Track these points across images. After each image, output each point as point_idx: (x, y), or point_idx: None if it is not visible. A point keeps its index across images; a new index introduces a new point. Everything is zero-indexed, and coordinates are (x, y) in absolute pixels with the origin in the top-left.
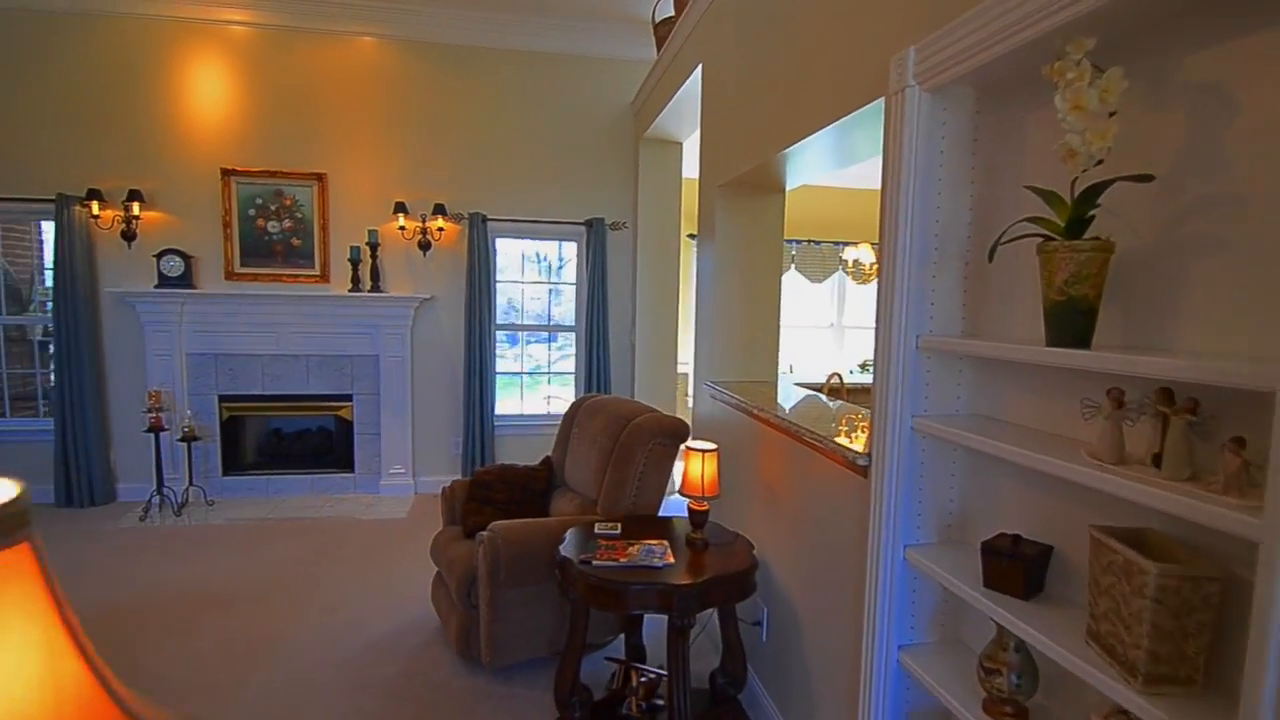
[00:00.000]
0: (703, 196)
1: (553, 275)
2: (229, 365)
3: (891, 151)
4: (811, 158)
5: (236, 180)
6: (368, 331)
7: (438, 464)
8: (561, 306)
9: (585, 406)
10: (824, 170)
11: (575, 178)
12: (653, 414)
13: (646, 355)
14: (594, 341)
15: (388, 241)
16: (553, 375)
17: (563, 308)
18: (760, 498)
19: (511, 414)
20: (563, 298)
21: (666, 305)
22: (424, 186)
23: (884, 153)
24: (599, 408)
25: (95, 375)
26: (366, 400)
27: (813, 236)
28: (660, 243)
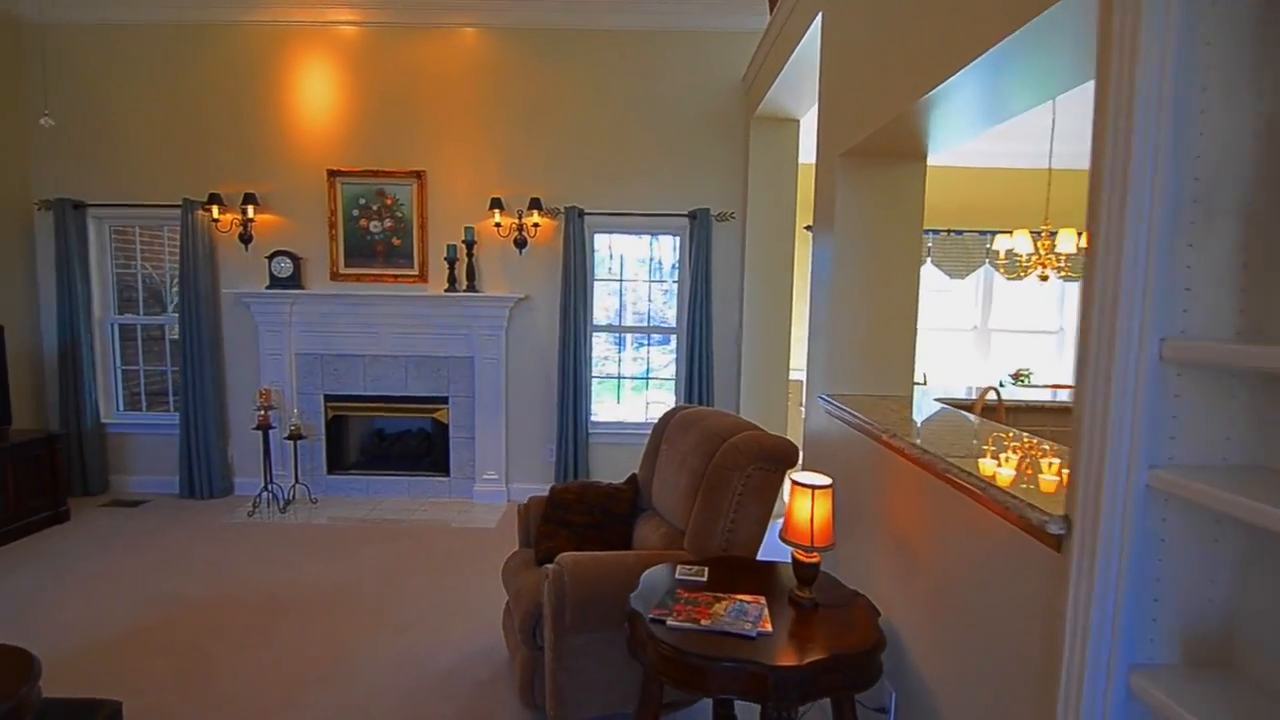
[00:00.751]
0: (821, 171)
1: (653, 272)
2: (333, 366)
3: (1119, 49)
4: (960, 106)
5: (342, 181)
6: (463, 332)
7: (531, 471)
8: (663, 306)
9: (677, 420)
10: (975, 128)
11: (678, 166)
12: (753, 432)
13: (755, 361)
14: (696, 344)
15: (483, 239)
16: (653, 380)
17: (664, 307)
18: (888, 547)
19: (608, 420)
20: (666, 297)
21: (778, 305)
22: (520, 181)
23: (1100, 57)
24: (692, 422)
25: (216, 373)
26: (462, 403)
27: (953, 225)
28: (772, 234)
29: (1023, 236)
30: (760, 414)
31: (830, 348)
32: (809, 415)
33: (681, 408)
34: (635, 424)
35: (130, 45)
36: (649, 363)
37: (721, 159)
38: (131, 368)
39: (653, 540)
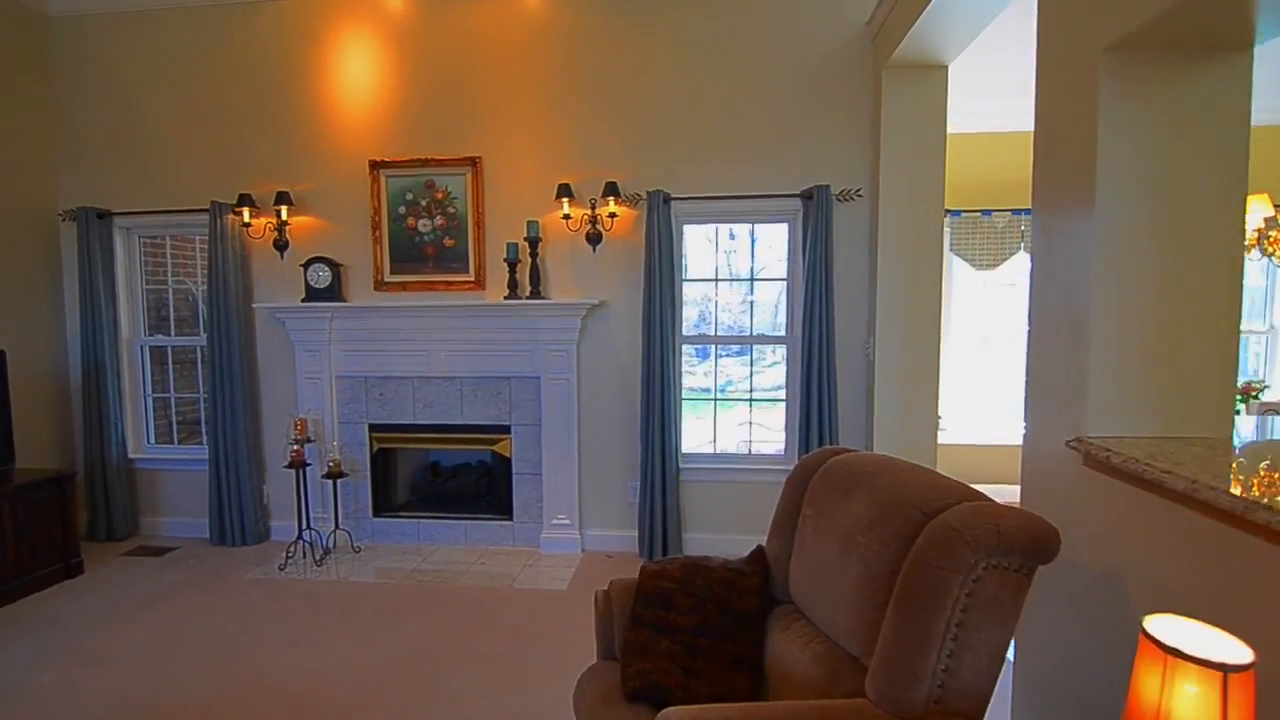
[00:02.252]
0: (1044, 82)
1: (756, 269)
2: (379, 390)
3: None
4: None
5: (385, 173)
6: (527, 347)
7: (609, 515)
8: (765, 311)
9: (826, 473)
10: None
11: (787, 136)
12: (978, 504)
13: (893, 379)
14: (816, 356)
15: (550, 235)
16: (754, 399)
17: (766, 312)
18: None
19: (703, 452)
20: (769, 299)
21: (924, 306)
22: (592, 164)
23: None
24: (854, 477)
25: (250, 401)
26: (526, 433)
27: None
28: (915, 214)
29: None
30: (907, 448)
31: (1092, 363)
32: (1027, 462)
33: (829, 454)
34: (736, 456)
35: (149, 33)
36: (752, 380)
37: (842, 124)
38: (163, 395)
39: (801, 661)
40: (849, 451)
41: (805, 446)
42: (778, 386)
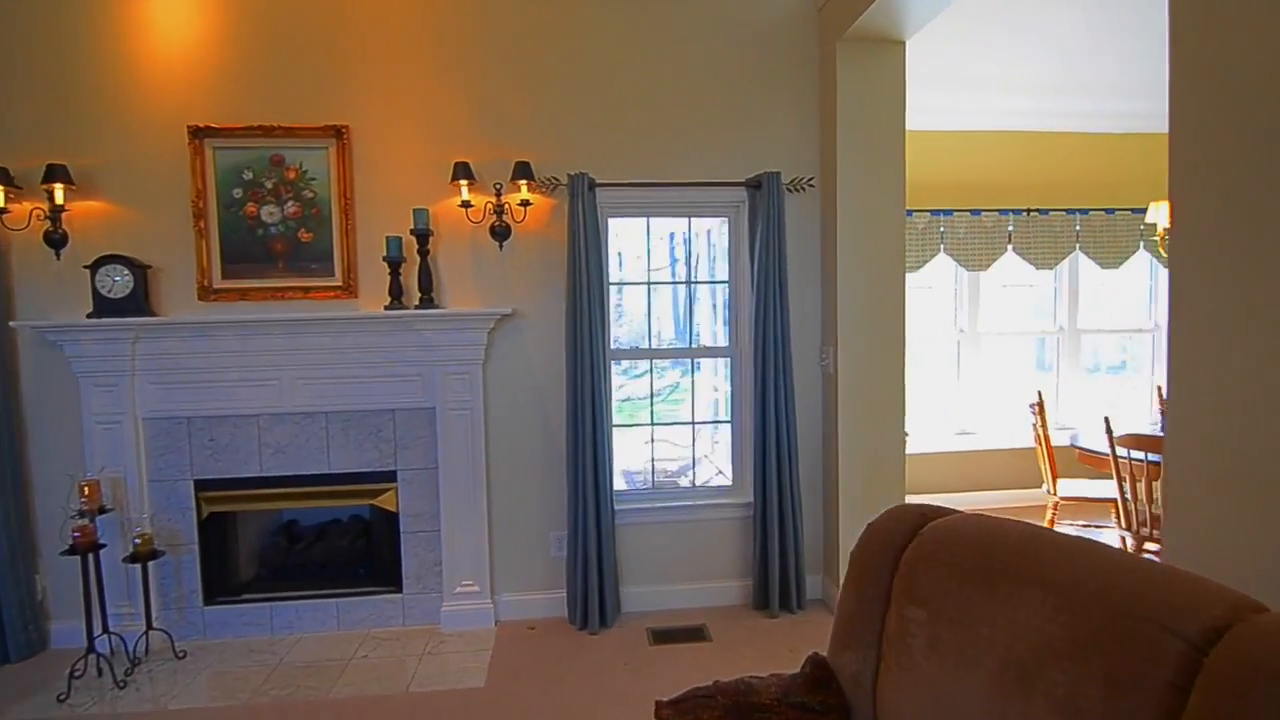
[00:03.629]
0: None
1: (695, 270)
2: (209, 434)
3: None
4: None
5: (213, 144)
6: (417, 370)
7: (529, 574)
8: (704, 318)
9: (933, 550)
10: None
11: (729, 116)
12: None
13: (856, 390)
14: (771, 369)
15: (445, 228)
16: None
17: (705, 319)
18: None
19: (639, 489)
20: (706, 305)
21: (887, 307)
22: (499, 140)
23: None
24: (996, 560)
25: (9, 460)
26: (418, 479)
27: (1038, 204)
28: (875, 206)
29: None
30: (868, 469)
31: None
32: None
33: (916, 516)
34: (678, 491)
35: None
36: (694, 400)
37: (789, 105)
38: None
39: None
40: (945, 512)
41: (762, 476)
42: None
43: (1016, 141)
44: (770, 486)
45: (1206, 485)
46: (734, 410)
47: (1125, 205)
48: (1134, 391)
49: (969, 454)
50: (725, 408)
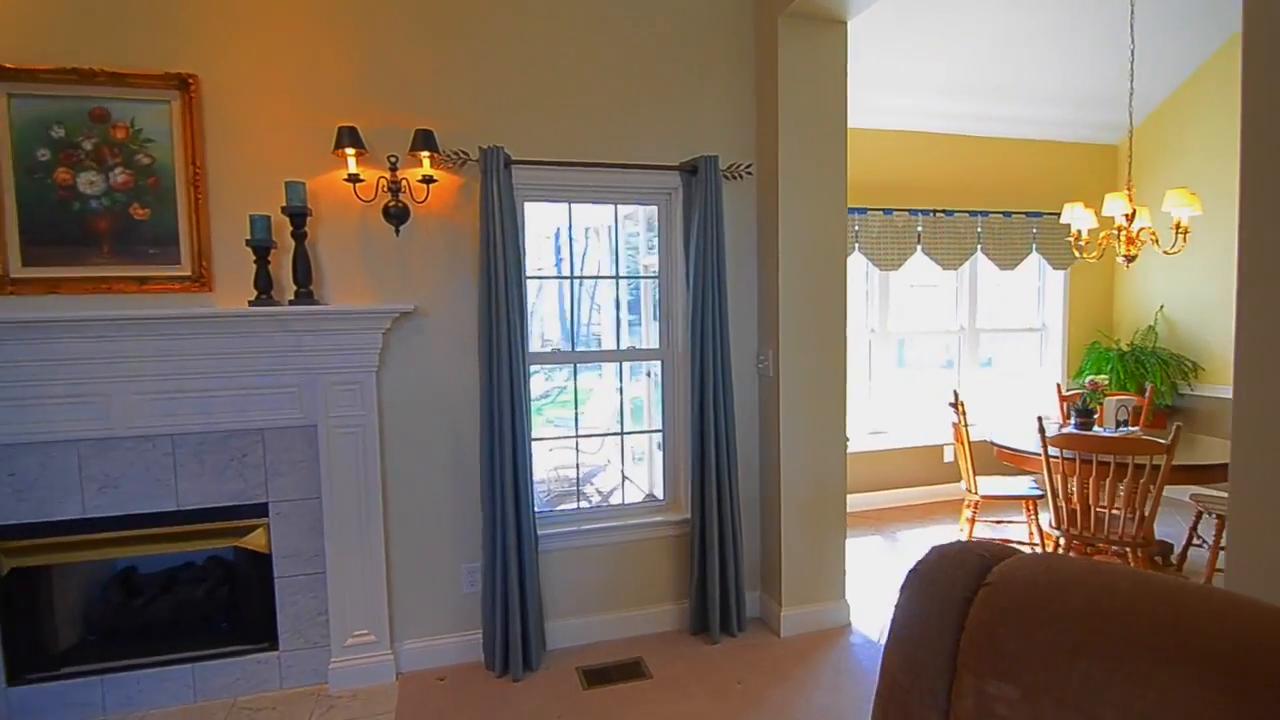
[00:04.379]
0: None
1: (620, 263)
2: (6, 465)
3: None
4: None
5: (9, 90)
6: (295, 379)
7: (436, 614)
8: (632, 317)
9: (1017, 608)
10: None
11: (661, 93)
12: None
13: (798, 394)
14: (709, 373)
15: (328, 208)
16: (626, 432)
17: (632, 320)
18: None
19: (564, 509)
20: (635, 302)
21: (829, 305)
22: (395, 102)
23: None
24: (1129, 632)
25: None
26: (297, 511)
27: (944, 205)
28: (818, 195)
29: (1079, 209)
30: (811, 479)
31: None
32: None
33: (975, 557)
34: (605, 510)
35: None
36: (623, 408)
37: (727, 83)
38: None
39: None
40: (1005, 553)
41: (700, 489)
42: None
43: (927, 143)
44: (709, 501)
45: None
46: (666, 418)
47: (1021, 209)
48: (1030, 389)
49: (881, 453)
50: (649, 415)
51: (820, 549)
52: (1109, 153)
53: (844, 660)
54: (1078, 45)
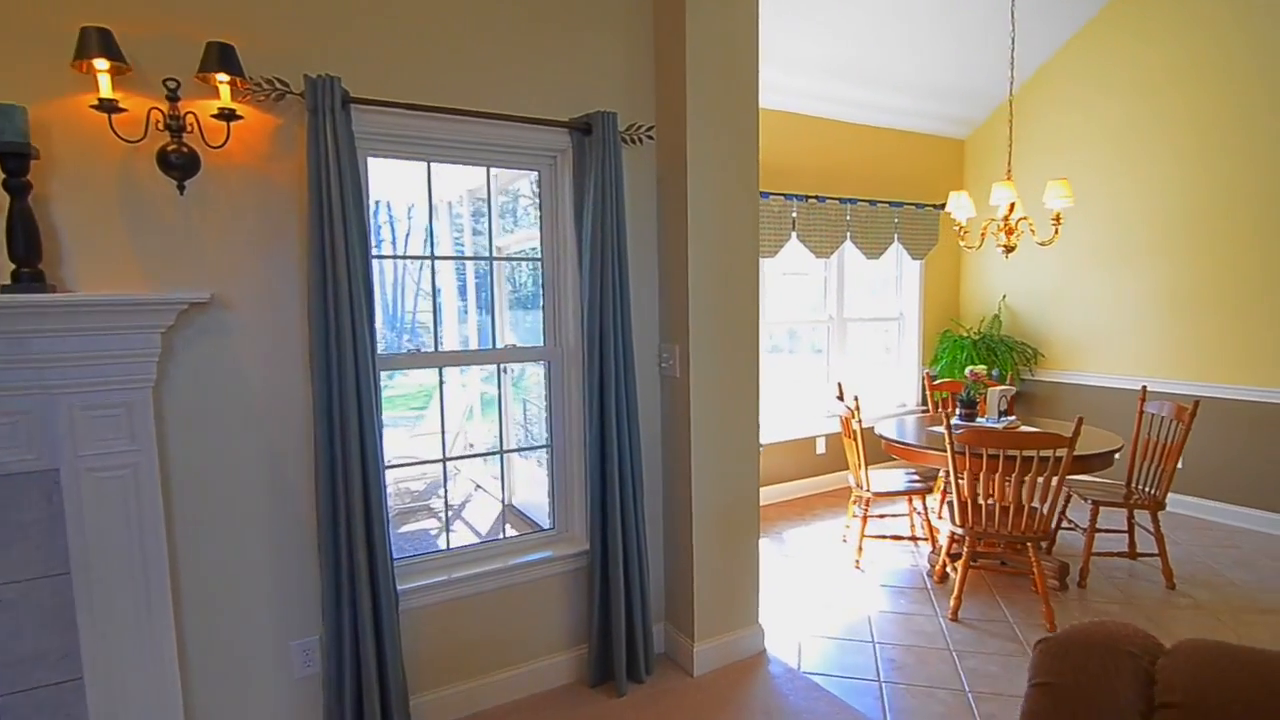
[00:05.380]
0: None
1: (497, 241)
2: None
3: None
4: None
5: None
6: (14, 406)
7: (259, 712)
8: (511, 307)
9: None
10: None
11: (549, 33)
12: None
13: (709, 396)
14: (611, 374)
15: (66, 148)
16: (505, 451)
17: (514, 311)
18: None
19: (430, 553)
20: (507, 291)
21: (739, 296)
22: (176, 2)
23: None
24: None
25: None
26: (27, 598)
27: (818, 190)
28: (726, 167)
29: (963, 198)
30: (722, 491)
31: None
32: None
33: (1135, 655)
34: (481, 550)
35: None
36: (503, 422)
37: (627, 28)
38: None
39: None
40: (1158, 643)
41: (601, 514)
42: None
43: (805, 126)
44: (613, 528)
45: None
46: (554, 430)
47: (885, 198)
48: (891, 377)
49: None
50: (507, 424)
51: (734, 570)
52: (957, 147)
53: (769, 698)
54: (945, 37)
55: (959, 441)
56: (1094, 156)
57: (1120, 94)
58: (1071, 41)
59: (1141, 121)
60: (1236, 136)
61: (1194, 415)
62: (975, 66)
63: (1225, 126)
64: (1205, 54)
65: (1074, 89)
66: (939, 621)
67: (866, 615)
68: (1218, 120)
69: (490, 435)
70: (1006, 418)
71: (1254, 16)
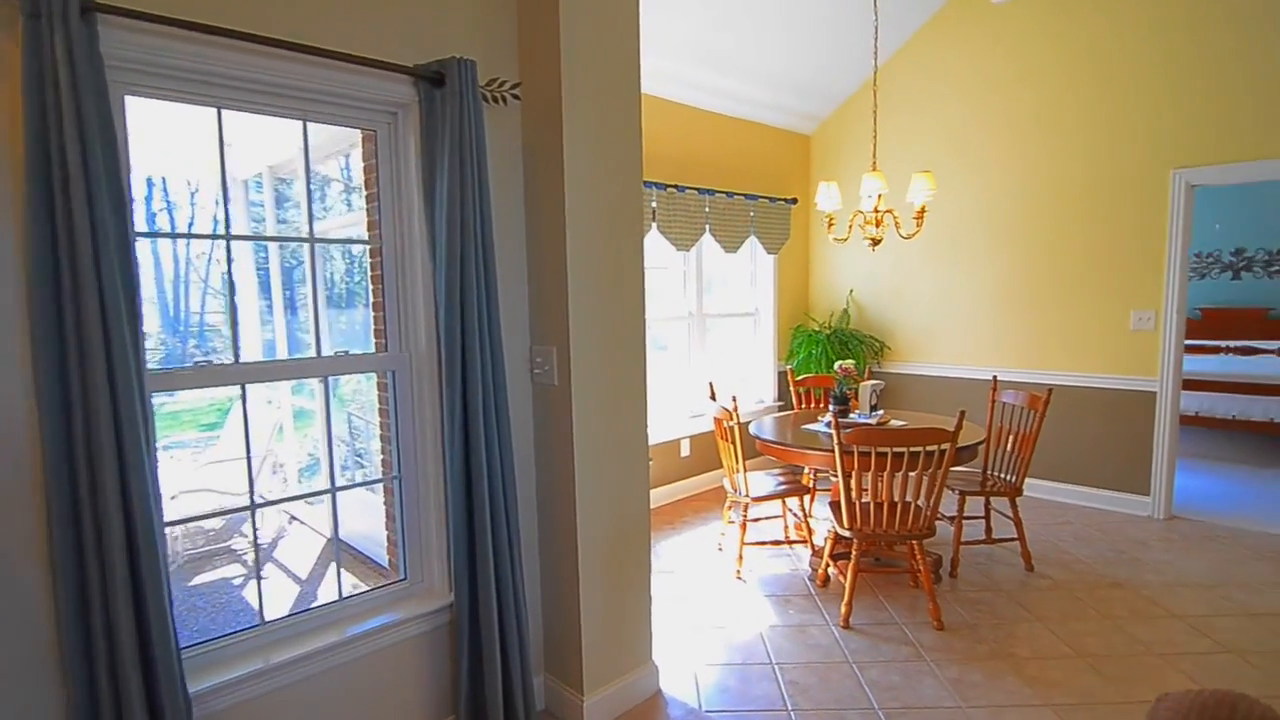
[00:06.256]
0: None
1: (317, 219)
2: None
3: None
4: None
5: None
6: None
7: None
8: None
9: None
10: None
11: None
12: None
13: (594, 407)
14: (474, 386)
15: None
16: (338, 489)
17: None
18: None
19: (229, 635)
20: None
21: (624, 289)
22: None
23: None
24: None
25: None
26: None
27: (679, 180)
28: (610, 140)
29: (875, 179)
30: (611, 517)
31: None
32: None
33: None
34: (318, 615)
35: None
36: (331, 451)
37: None
38: None
39: None
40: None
41: (468, 557)
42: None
43: (665, 111)
44: (483, 573)
45: None
46: (401, 457)
47: (741, 190)
48: (748, 373)
49: None
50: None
51: (626, 604)
52: (804, 142)
53: None
54: (798, 29)
55: (848, 441)
56: (932, 156)
57: (948, 99)
58: (910, 42)
59: (971, 123)
60: (1059, 137)
61: (1047, 403)
62: (821, 64)
63: (1049, 128)
64: (1031, 62)
65: (909, 92)
66: (832, 631)
67: (759, 632)
68: (1043, 122)
69: (305, 454)
70: (876, 412)
71: (1066, 22)
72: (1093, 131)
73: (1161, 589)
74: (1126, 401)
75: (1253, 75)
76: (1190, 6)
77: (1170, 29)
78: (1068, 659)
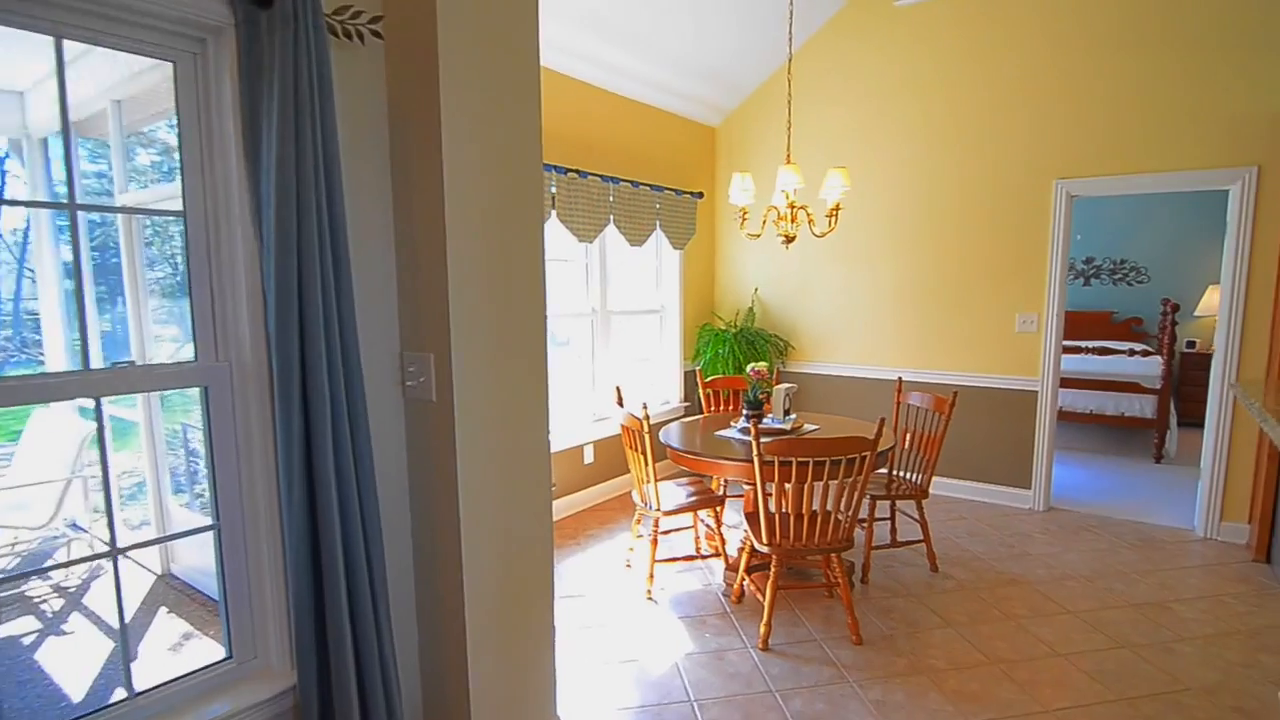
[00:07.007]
0: None
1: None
2: None
3: None
4: None
5: None
6: None
7: None
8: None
9: None
10: None
11: None
12: None
13: (479, 430)
14: (321, 403)
15: None
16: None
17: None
18: None
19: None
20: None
21: (520, 284)
22: None
23: None
24: None
25: None
26: None
27: (581, 165)
28: (499, 97)
29: (790, 172)
30: (505, 557)
31: None
32: None
33: None
34: (112, 714)
35: None
36: (109, 485)
37: None
38: None
39: None
40: None
41: (316, 627)
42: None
43: (566, 88)
44: (337, 642)
45: None
46: (221, 500)
47: (646, 180)
48: (655, 374)
49: None
50: None
51: (525, 655)
52: (709, 134)
53: None
54: (710, 11)
55: (768, 451)
56: (839, 153)
57: (850, 97)
58: (816, 37)
59: (874, 122)
60: (955, 142)
61: (953, 406)
62: (729, 48)
63: (946, 132)
64: (929, 67)
65: (814, 87)
66: (751, 655)
67: (674, 662)
68: (940, 126)
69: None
70: (789, 416)
71: (965, 31)
72: (985, 139)
73: (1052, 584)
74: (1013, 400)
75: (1138, 94)
76: (1084, 25)
77: (1063, 44)
78: (982, 666)
